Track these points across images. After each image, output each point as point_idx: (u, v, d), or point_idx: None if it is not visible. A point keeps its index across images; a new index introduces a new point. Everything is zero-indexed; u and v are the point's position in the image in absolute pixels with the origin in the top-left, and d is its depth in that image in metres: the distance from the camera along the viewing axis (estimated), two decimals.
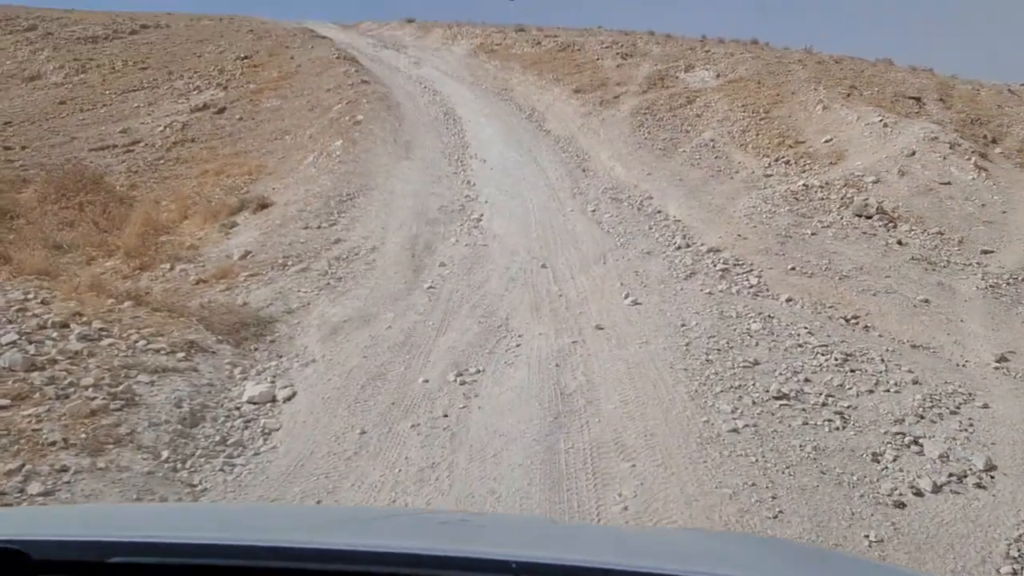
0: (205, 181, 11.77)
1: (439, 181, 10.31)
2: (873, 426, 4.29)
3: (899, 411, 4.47)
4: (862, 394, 4.66)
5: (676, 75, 15.59)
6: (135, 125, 13.87)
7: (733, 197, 9.72)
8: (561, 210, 9.21)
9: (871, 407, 4.51)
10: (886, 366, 5.10)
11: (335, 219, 8.99)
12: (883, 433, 4.21)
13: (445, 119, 13.31)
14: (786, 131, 12.57)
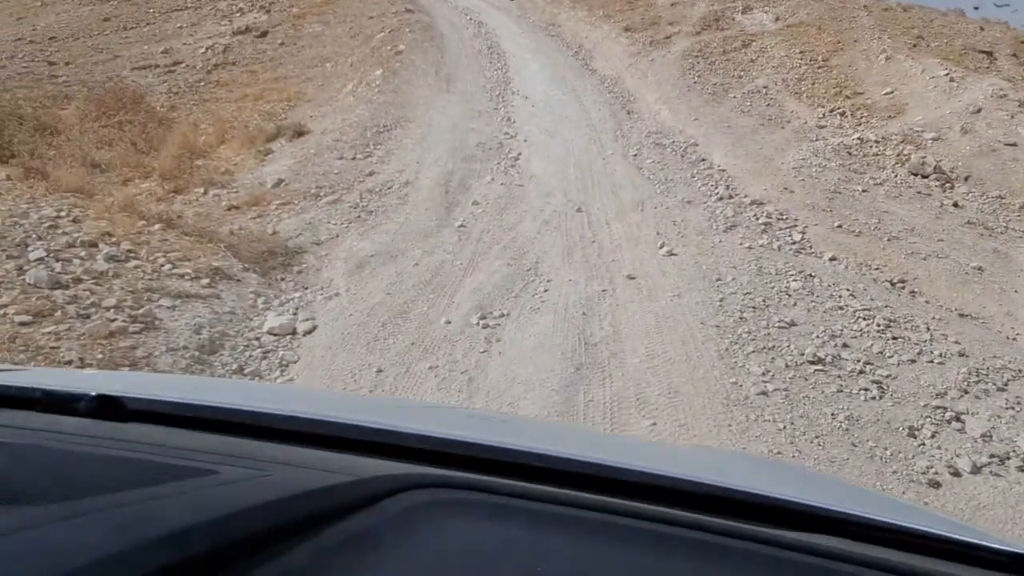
0: (244, 106, 11.64)
1: (478, 116, 10.02)
2: (912, 398, 4.05)
3: (941, 384, 4.22)
4: (903, 363, 4.41)
5: (733, 16, 14.86)
6: (177, 46, 13.72)
7: (782, 148, 9.28)
8: (602, 153, 8.89)
9: (912, 378, 4.26)
10: (931, 335, 4.82)
11: (370, 151, 8.81)
12: (922, 407, 3.98)
13: (489, 52, 12.90)
14: (844, 81, 11.94)
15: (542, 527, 0.88)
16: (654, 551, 0.87)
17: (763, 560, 0.87)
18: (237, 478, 0.82)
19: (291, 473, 0.88)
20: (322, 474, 0.88)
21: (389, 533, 0.78)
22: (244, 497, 0.73)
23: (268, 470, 0.87)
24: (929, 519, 1.48)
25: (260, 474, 0.84)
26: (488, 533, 0.86)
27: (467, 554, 0.81)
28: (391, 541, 0.77)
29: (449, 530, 0.84)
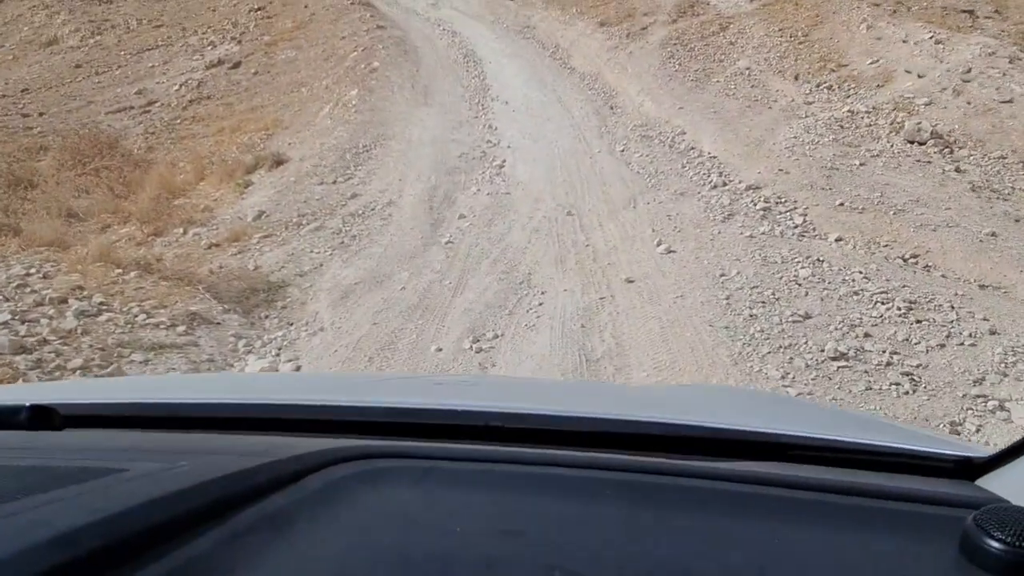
0: (222, 139, 11.31)
1: (459, 127, 9.67)
2: (948, 388, 3.68)
3: (977, 369, 3.84)
4: (932, 349, 4.03)
5: (707, 1, 14.49)
6: (151, 85, 13.39)
7: (772, 128, 8.91)
8: (588, 152, 8.53)
9: (944, 365, 3.89)
10: (957, 314, 4.44)
11: (351, 173, 8.46)
12: (961, 397, 3.61)
13: (465, 61, 12.55)
14: (827, 54, 11.57)
15: (466, 487, 0.87)
16: (581, 497, 0.85)
17: (695, 494, 0.85)
18: (145, 472, 0.79)
19: (207, 461, 0.85)
20: (237, 459, 0.84)
21: (305, 511, 0.76)
22: (146, 491, 0.69)
23: (181, 461, 0.83)
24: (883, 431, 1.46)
25: (170, 466, 0.81)
26: (410, 499, 0.84)
27: (385, 524, 0.78)
28: (307, 519, 0.74)
29: (370, 501, 0.82)
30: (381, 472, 0.87)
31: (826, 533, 0.79)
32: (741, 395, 2.65)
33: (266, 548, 0.68)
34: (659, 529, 0.79)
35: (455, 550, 0.72)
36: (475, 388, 1.81)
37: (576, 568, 0.68)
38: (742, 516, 0.81)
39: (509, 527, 0.77)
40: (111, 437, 1.08)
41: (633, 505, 0.82)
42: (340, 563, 0.69)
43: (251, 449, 0.93)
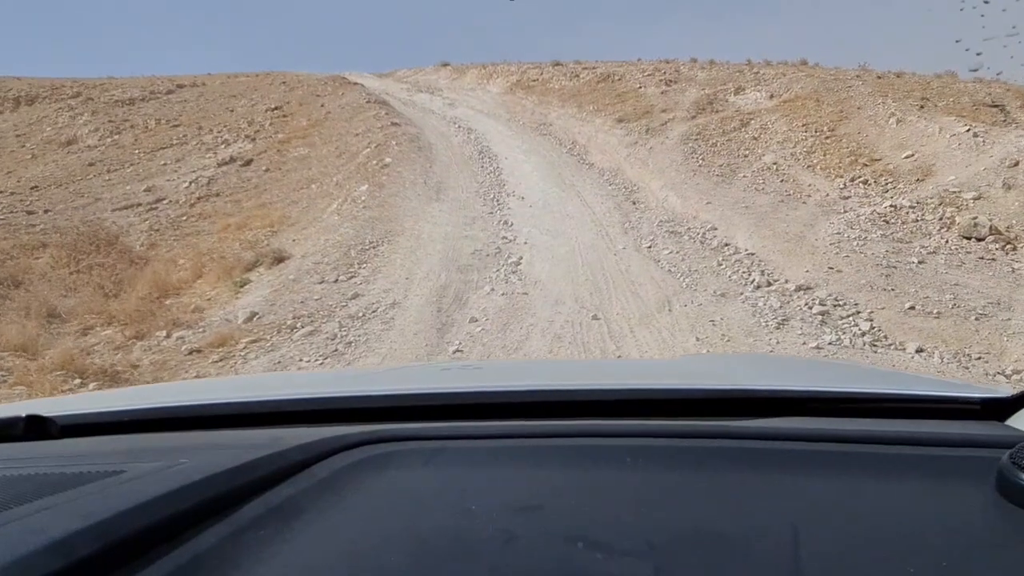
0: (226, 236, 10.62)
1: (472, 223, 8.90)
2: None
3: None
4: None
5: (726, 98, 14.04)
6: (160, 183, 12.90)
7: (811, 224, 8.06)
8: (612, 248, 7.68)
9: None
10: None
11: (354, 271, 7.63)
12: None
13: (480, 157, 11.97)
14: (857, 148, 10.88)
15: (478, 465, 0.84)
16: (599, 467, 0.80)
17: (717, 455, 0.81)
18: (143, 473, 0.74)
19: (209, 457, 0.79)
20: (238, 452, 0.79)
21: (313, 500, 0.72)
22: (144, 491, 0.64)
23: (182, 459, 0.78)
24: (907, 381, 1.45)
25: (170, 465, 0.76)
26: (421, 481, 0.80)
27: (397, 507, 0.73)
28: (315, 508, 0.70)
29: (380, 486, 0.77)
30: (389, 456, 0.83)
31: (856, 483, 0.75)
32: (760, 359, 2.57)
33: (274, 540, 0.63)
34: (684, 492, 0.74)
35: (472, 528, 0.67)
36: (480, 371, 1.73)
37: (601, 538, 0.63)
38: (768, 473, 0.77)
39: (527, 502, 0.72)
40: (109, 443, 1.04)
41: (654, 470, 0.79)
42: (352, 549, 0.65)
43: (255, 443, 0.86)
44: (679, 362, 2.42)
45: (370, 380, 1.68)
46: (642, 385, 1.12)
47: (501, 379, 1.38)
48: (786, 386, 1.08)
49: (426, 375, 1.79)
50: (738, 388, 1.08)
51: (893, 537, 0.65)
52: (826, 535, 0.65)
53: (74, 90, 20.27)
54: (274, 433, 0.96)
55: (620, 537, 0.64)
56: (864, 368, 2.71)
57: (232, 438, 0.99)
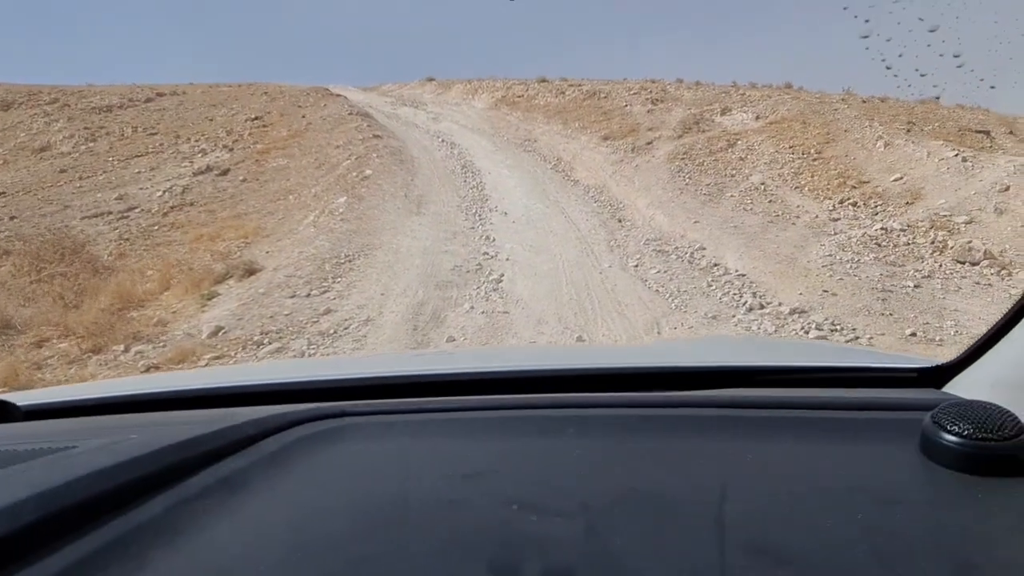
0: (198, 247, 10.17)
1: (453, 238, 8.54)
2: None
3: None
4: None
5: (712, 119, 13.84)
6: (133, 191, 12.42)
7: (801, 245, 7.79)
8: (597, 266, 7.34)
9: None
10: None
11: (328, 285, 7.23)
12: None
13: (463, 171, 11.64)
14: (845, 171, 10.67)
15: (429, 437, 0.84)
16: (543, 436, 0.82)
17: (656, 423, 0.83)
18: (94, 448, 0.73)
19: (155, 433, 0.80)
20: (188, 428, 0.78)
21: (261, 471, 0.72)
22: (92, 463, 0.64)
23: (131, 435, 0.77)
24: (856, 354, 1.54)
25: (120, 440, 0.75)
26: (370, 453, 0.81)
27: (344, 478, 0.74)
28: (263, 479, 0.71)
29: (329, 458, 0.78)
30: (339, 431, 0.84)
31: (789, 445, 0.77)
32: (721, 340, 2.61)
33: (218, 509, 0.64)
34: (622, 458, 0.76)
35: (414, 496, 0.69)
36: (451, 357, 1.76)
37: (537, 501, 0.66)
38: (705, 438, 0.79)
39: (468, 470, 0.74)
40: (69, 424, 1.04)
41: (595, 439, 0.80)
42: (297, 518, 0.65)
43: (209, 420, 0.87)
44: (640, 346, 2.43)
45: (334, 366, 1.68)
46: (589, 364, 1.10)
47: (469, 363, 1.36)
48: (735, 362, 1.08)
49: (398, 361, 1.76)
50: (683, 365, 1.07)
51: (816, 494, 0.66)
52: (753, 494, 0.66)
53: (51, 96, 19.74)
54: (229, 411, 0.95)
55: (556, 500, 0.66)
56: (822, 345, 2.71)
57: (187, 417, 0.98)
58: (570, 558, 0.58)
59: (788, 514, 0.63)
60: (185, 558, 0.58)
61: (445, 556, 0.59)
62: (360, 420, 0.87)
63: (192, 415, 1.01)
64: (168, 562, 0.57)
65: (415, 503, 0.67)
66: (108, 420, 1.04)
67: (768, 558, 0.57)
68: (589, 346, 3.46)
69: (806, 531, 0.60)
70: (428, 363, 1.42)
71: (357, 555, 0.59)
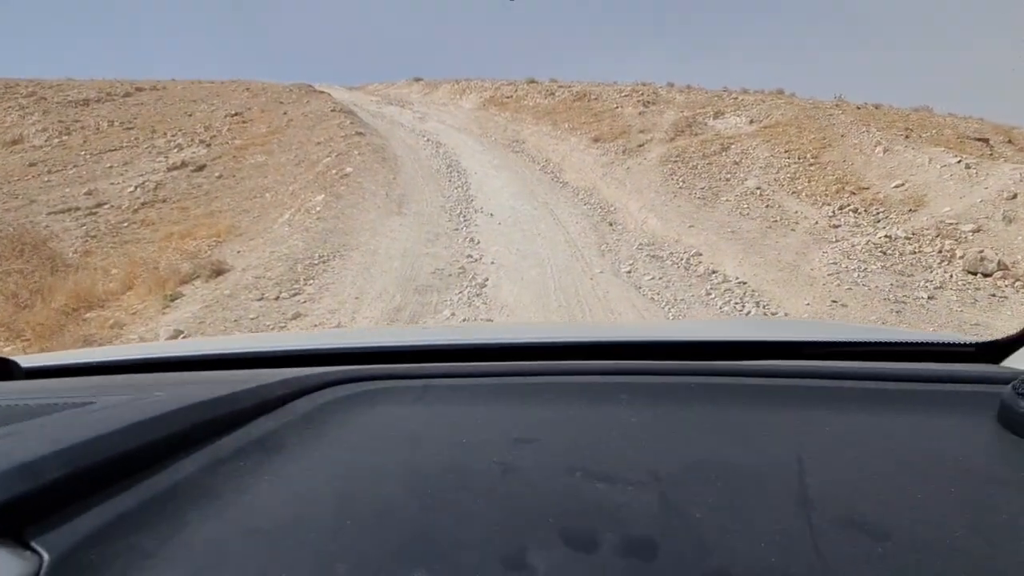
0: (167, 245, 9.55)
1: (436, 239, 7.98)
2: None
3: None
4: None
5: (705, 122, 13.37)
6: (104, 186, 11.77)
7: (803, 252, 7.30)
8: (588, 272, 6.80)
9: None
10: None
11: (299, 288, 6.65)
12: None
13: (448, 171, 11.08)
14: (843, 176, 10.22)
15: (467, 402, 0.80)
16: (594, 403, 0.77)
17: (720, 391, 0.79)
18: (115, 404, 0.69)
19: (183, 391, 0.74)
20: (215, 387, 0.74)
21: (295, 432, 0.68)
22: (116, 419, 0.61)
23: (157, 393, 0.72)
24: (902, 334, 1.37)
25: (143, 397, 0.71)
26: (409, 417, 0.76)
27: (387, 441, 0.69)
28: (297, 439, 0.67)
29: (367, 421, 0.74)
30: (375, 393, 0.80)
31: (859, 418, 0.73)
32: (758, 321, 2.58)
33: (256, 471, 0.60)
34: (684, 426, 0.71)
35: (468, 461, 0.64)
36: (482, 329, 1.76)
37: (603, 470, 0.61)
38: (771, 408, 0.75)
39: (521, 436, 0.68)
40: (77, 382, 0.96)
41: (652, 406, 0.75)
42: (342, 480, 0.61)
43: (233, 380, 0.81)
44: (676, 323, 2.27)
45: (361, 335, 1.60)
46: (640, 335, 1.06)
47: (506, 334, 1.27)
48: (783, 336, 1.05)
49: (411, 333, 1.66)
50: (733, 338, 1.03)
51: (901, 467, 0.63)
52: (832, 466, 0.63)
53: (29, 90, 19.01)
54: (254, 373, 0.90)
55: (622, 468, 0.62)
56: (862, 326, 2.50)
57: (210, 377, 0.92)
58: (650, 529, 0.53)
59: (876, 487, 0.59)
60: (227, 522, 0.53)
61: (512, 525, 0.54)
62: (394, 383, 0.82)
63: (214, 375, 0.94)
64: (209, 524, 0.52)
65: (470, 470, 0.61)
66: (122, 379, 0.96)
67: (862, 532, 0.53)
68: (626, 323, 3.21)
69: (898, 505, 0.56)
70: (459, 334, 1.34)
71: (417, 523, 0.54)
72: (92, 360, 1.12)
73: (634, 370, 0.84)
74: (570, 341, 1.04)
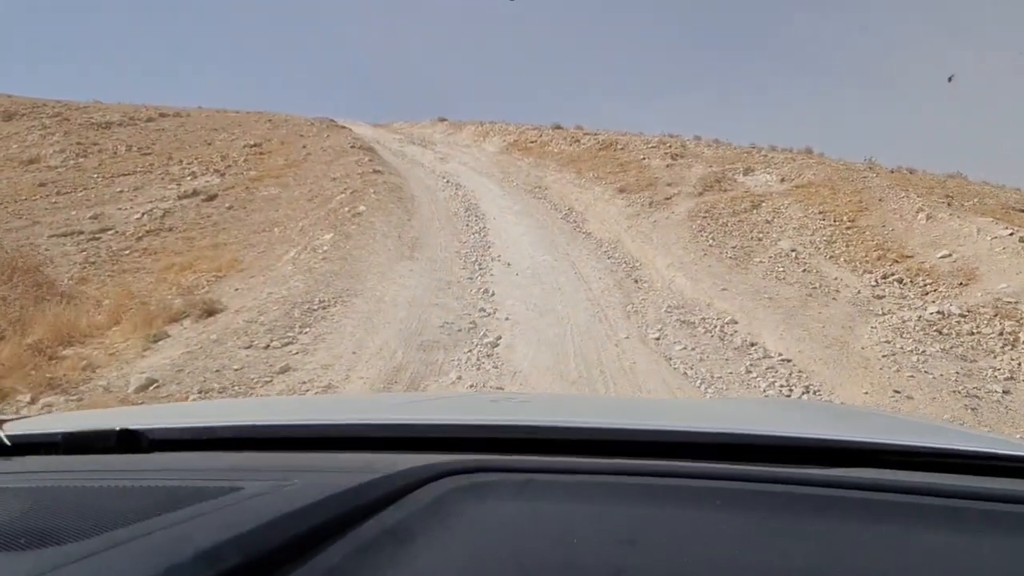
0: (166, 277, 8.90)
1: (447, 288, 7.26)
2: None
3: None
4: None
5: (734, 178, 12.68)
6: (111, 211, 11.21)
7: (849, 325, 6.50)
8: (612, 336, 6.03)
9: None
10: None
11: (293, 336, 5.93)
12: None
13: (466, 215, 10.42)
14: (884, 242, 9.44)
15: (568, 498, 0.81)
16: (690, 507, 0.77)
17: (805, 501, 0.77)
18: (262, 491, 0.73)
19: (315, 478, 0.79)
20: (346, 476, 0.78)
21: (422, 524, 0.71)
22: (270, 508, 0.64)
23: (292, 479, 0.77)
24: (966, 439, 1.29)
25: (284, 483, 0.75)
26: (517, 511, 0.78)
27: (500, 535, 0.72)
28: (425, 531, 0.69)
29: (478, 513, 0.76)
30: (482, 485, 0.82)
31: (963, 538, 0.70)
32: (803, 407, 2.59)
33: (393, 561, 0.63)
34: (780, 538, 0.70)
35: (577, 560, 0.65)
36: (530, 405, 1.68)
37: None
38: (862, 522, 0.73)
39: (623, 536, 0.70)
40: (203, 459, 1.02)
41: (745, 514, 0.75)
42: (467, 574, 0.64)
43: (352, 466, 0.87)
44: (733, 404, 2.44)
45: (427, 408, 1.63)
46: (727, 429, 1.04)
47: (565, 414, 1.33)
48: (855, 437, 1.04)
49: (478, 406, 1.67)
50: (812, 436, 1.02)
51: None
52: None
53: (55, 110, 18.74)
54: (365, 457, 0.96)
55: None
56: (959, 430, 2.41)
57: (329, 462, 0.96)
58: None
59: None
60: None
61: None
62: (499, 476, 0.82)
63: (327, 460, 0.97)
64: None
65: (580, 568, 0.63)
66: (244, 458, 1.00)
67: None
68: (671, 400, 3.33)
69: None
70: (524, 413, 1.36)
71: None
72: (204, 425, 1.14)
73: (727, 475, 0.82)
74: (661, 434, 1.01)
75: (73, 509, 0.70)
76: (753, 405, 2.32)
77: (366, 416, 1.23)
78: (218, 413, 1.55)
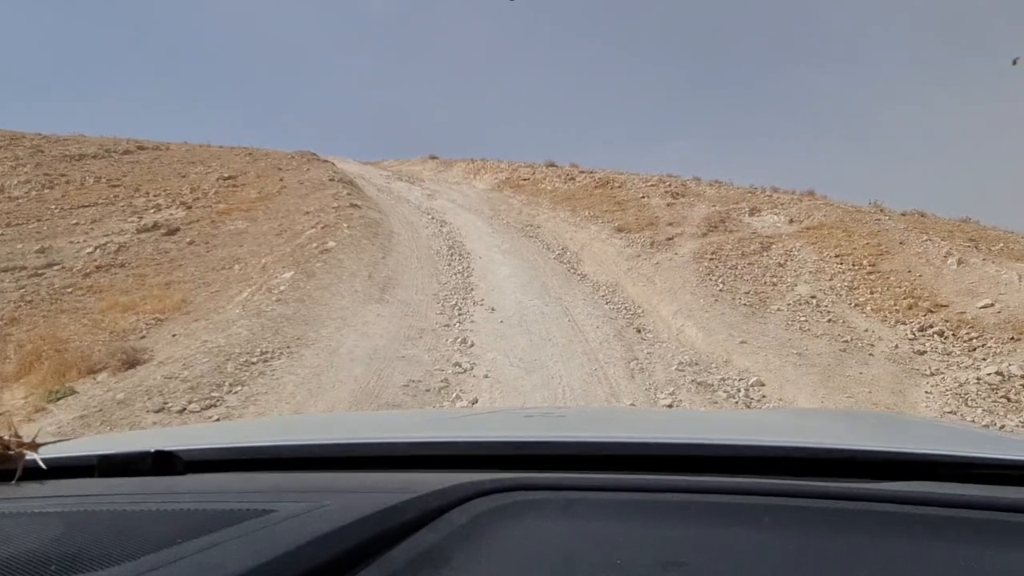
0: (104, 318, 7.63)
1: (418, 337, 6.01)
2: None
3: None
4: None
5: (740, 219, 11.55)
6: (61, 244, 9.97)
7: (899, 389, 5.26)
8: (614, 402, 4.77)
9: None
10: None
11: (218, 396, 4.65)
12: None
13: (449, 253, 9.21)
14: (912, 290, 8.24)
15: (611, 517, 0.77)
16: (738, 525, 0.72)
17: (862, 517, 0.71)
18: (294, 513, 0.70)
19: (348, 500, 0.76)
20: (380, 496, 0.76)
21: (457, 545, 0.67)
22: (303, 531, 0.62)
23: (325, 500, 0.75)
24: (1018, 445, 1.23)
25: (317, 506, 0.72)
26: (559, 531, 0.74)
27: (541, 556, 0.67)
28: (460, 553, 0.66)
29: (518, 534, 0.71)
30: (523, 505, 0.78)
31: (1017, 553, 0.65)
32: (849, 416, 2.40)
33: None
34: (838, 558, 0.66)
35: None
36: (565, 419, 1.59)
37: None
38: (924, 539, 0.69)
39: (671, 557, 0.65)
40: (238, 480, 0.98)
41: (794, 532, 0.70)
42: None
43: (387, 487, 0.85)
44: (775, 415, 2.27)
45: (463, 425, 1.57)
46: (774, 442, 0.98)
47: (604, 429, 1.29)
48: (910, 448, 0.97)
49: (513, 423, 1.56)
50: (865, 449, 0.95)
51: None
52: None
53: (33, 143, 17.65)
54: (400, 477, 0.92)
55: None
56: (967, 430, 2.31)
57: (363, 481, 0.93)
58: None
59: None
60: None
61: None
62: (540, 495, 0.78)
63: (362, 480, 0.94)
64: None
65: None
66: (280, 479, 0.96)
67: None
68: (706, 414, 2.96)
69: None
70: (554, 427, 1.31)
71: None
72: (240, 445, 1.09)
73: (776, 491, 0.77)
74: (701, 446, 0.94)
75: (105, 534, 0.66)
76: (797, 416, 2.13)
77: (401, 434, 1.21)
78: (255, 432, 1.49)
